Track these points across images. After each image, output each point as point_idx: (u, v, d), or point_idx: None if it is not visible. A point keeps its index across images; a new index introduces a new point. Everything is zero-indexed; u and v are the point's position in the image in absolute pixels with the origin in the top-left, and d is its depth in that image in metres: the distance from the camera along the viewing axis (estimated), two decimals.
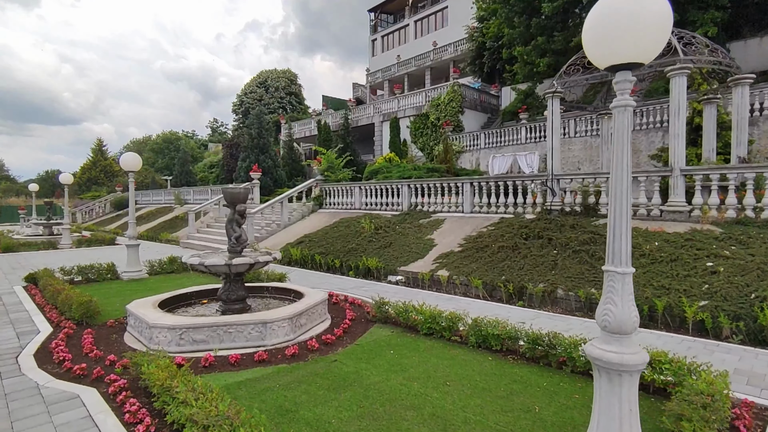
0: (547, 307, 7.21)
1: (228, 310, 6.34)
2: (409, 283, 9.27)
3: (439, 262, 9.40)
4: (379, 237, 11.58)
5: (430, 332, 5.78)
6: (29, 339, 5.79)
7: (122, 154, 10.34)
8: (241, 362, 4.86)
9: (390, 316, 6.46)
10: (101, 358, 4.97)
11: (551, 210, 9.88)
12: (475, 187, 11.59)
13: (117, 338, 5.78)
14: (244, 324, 5.36)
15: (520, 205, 10.69)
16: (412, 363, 4.81)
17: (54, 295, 7.30)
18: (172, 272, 11.12)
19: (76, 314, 6.31)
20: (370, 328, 6.25)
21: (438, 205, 12.46)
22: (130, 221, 10.69)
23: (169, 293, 6.87)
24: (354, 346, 5.45)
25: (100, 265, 10.21)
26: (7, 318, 6.89)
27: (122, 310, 7.25)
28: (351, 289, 8.93)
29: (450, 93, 24.95)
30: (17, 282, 10.05)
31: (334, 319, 6.63)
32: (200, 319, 5.37)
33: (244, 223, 6.57)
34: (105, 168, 45.30)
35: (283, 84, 54.48)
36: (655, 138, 16.48)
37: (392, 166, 16.36)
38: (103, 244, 18.13)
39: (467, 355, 5.04)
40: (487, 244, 9.31)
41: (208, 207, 19.19)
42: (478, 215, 11.27)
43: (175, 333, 5.20)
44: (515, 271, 8.06)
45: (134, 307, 5.93)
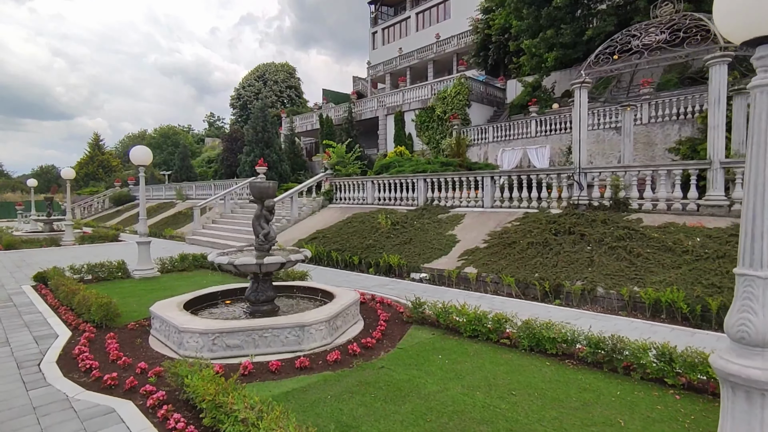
0: (586, 306, 6.92)
1: (256, 311, 6.00)
2: (434, 280, 8.95)
3: (464, 259, 9.08)
4: (396, 233, 11.25)
5: (474, 335, 5.47)
6: (48, 344, 5.43)
7: (132, 147, 9.91)
8: (281, 370, 4.53)
9: (427, 317, 6.15)
10: (131, 366, 4.62)
11: (578, 204, 9.58)
12: (496, 181, 11.27)
13: (142, 343, 5.43)
14: (280, 327, 5.03)
15: (544, 199, 10.38)
16: (466, 369, 4.50)
17: (68, 295, 6.93)
18: (183, 270, 10.76)
19: (96, 317, 5.95)
20: (407, 330, 5.94)
21: (456, 200, 12.13)
22: (141, 218, 10.30)
23: (191, 294, 6.52)
24: (397, 350, 5.13)
25: (111, 263, 9.82)
26: (20, 320, 6.52)
27: (140, 310, 6.92)
28: (374, 287, 8.60)
29: (457, 86, 24.54)
30: (25, 281, 9.65)
31: (366, 321, 6.32)
32: (234, 323, 5.03)
33: (272, 219, 6.21)
34: (102, 163, 44.62)
35: (281, 77, 53.83)
36: (671, 131, 16.19)
37: (404, 159, 15.99)
38: (106, 240, 17.69)
39: (521, 360, 4.74)
40: (514, 240, 9.00)
41: (213, 202, 18.77)
42: (499, 210, 10.95)
43: (208, 338, 4.85)
44: (549, 268, 7.76)
45: (159, 310, 5.58)
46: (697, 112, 15.35)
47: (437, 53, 37.50)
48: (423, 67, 39.03)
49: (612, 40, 9.48)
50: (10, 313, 6.93)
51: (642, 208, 8.82)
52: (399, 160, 15.76)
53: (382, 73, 42.91)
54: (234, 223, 17.26)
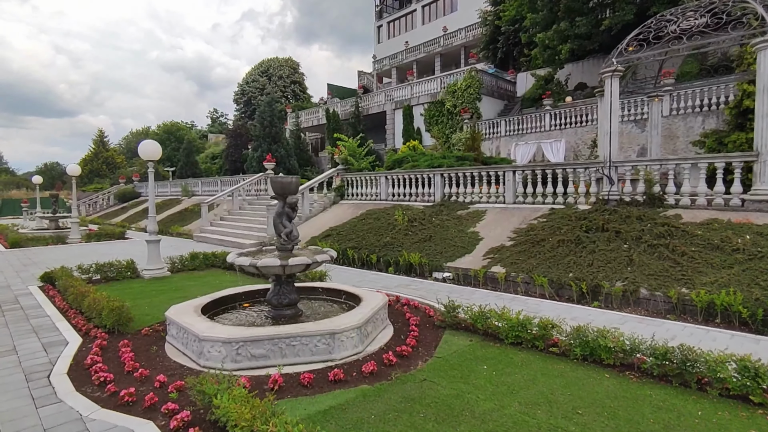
0: (628, 309, 6.48)
1: (279, 316, 5.59)
2: (459, 280, 8.52)
3: (490, 258, 8.64)
4: (415, 230, 10.81)
5: (517, 342, 5.04)
6: (58, 352, 5.04)
7: (140, 142, 9.50)
8: (314, 383, 4.11)
9: (461, 321, 5.72)
10: (148, 379, 4.21)
11: (608, 200, 9.11)
12: (518, 176, 10.80)
13: (158, 351, 5.03)
14: (309, 335, 4.61)
15: (570, 194, 9.91)
16: (518, 382, 4.07)
17: (78, 298, 6.54)
18: (194, 269, 10.37)
19: (108, 322, 5.56)
20: (442, 335, 5.51)
21: (475, 196, 11.67)
22: (150, 215, 9.90)
23: (208, 297, 6.11)
24: (436, 359, 4.71)
25: (120, 263, 9.44)
26: (28, 325, 6.13)
27: (153, 314, 6.53)
28: (396, 287, 8.18)
29: (467, 79, 24.00)
30: (31, 281, 9.28)
31: (395, 325, 5.89)
32: (259, 331, 4.61)
33: (295, 216, 5.78)
34: (107, 159, 44.31)
35: (286, 73, 53.28)
36: (694, 123, 15.65)
37: (417, 154, 15.53)
38: (112, 238, 17.34)
39: (576, 371, 4.31)
40: (543, 238, 8.55)
41: (221, 199, 18.38)
42: (522, 206, 10.49)
43: (231, 348, 4.44)
44: (584, 267, 7.31)
45: (175, 315, 5.17)
46: (723, 104, 14.81)
47: (444, 46, 36.90)
48: (430, 60, 38.44)
49: (644, 26, 8.96)
50: (17, 317, 6.55)
51: (679, 203, 8.35)
52: (412, 155, 15.30)
53: (388, 67, 42.34)
54: (243, 220, 16.86)
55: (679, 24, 8.40)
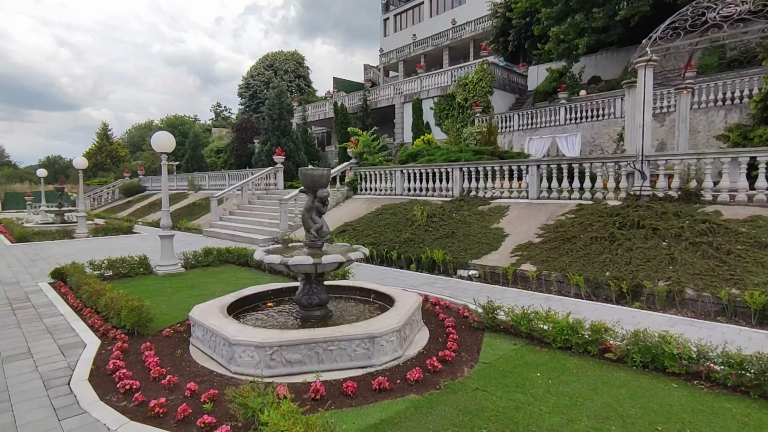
0: (672, 310, 6.13)
1: (308, 317, 5.28)
2: (486, 278, 8.19)
3: (519, 255, 8.30)
4: (435, 226, 10.47)
5: (566, 346, 4.71)
6: (76, 355, 4.73)
7: (154, 133, 9.16)
8: (358, 393, 3.79)
9: (500, 322, 5.39)
10: (177, 386, 3.90)
11: (640, 195, 8.74)
12: (543, 170, 10.43)
13: (183, 354, 4.72)
14: (348, 339, 4.28)
15: (598, 189, 9.54)
16: (580, 393, 3.74)
17: (93, 296, 6.23)
18: (208, 265, 10.07)
19: (127, 323, 5.24)
20: (481, 338, 5.19)
21: (496, 191, 11.31)
22: (164, 209, 9.57)
23: (232, 295, 5.79)
24: (483, 366, 4.38)
25: (132, 258, 9.13)
26: (41, 325, 5.83)
27: (172, 313, 6.23)
28: (422, 286, 7.86)
29: (479, 71, 23.54)
30: (41, 277, 8.99)
31: (429, 327, 5.57)
32: (294, 334, 4.29)
33: (325, 211, 5.45)
34: (111, 153, 43.99)
35: (291, 66, 52.80)
36: (716, 117, 15.23)
37: (432, 148, 15.15)
38: (120, 232, 17.05)
39: (639, 380, 3.97)
40: (574, 235, 8.20)
41: (231, 193, 18.05)
42: (547, 201, 10.13)
43: (265, 353, 4.12)
44: (621, 266, 6.96)
45: (200, 316, 4.85)
46: (747, 97, 14.38)
47: (453, 39, 36.36)
48: (438, 54, 37.91)
49: (680, 13, 8.55)
50: (30, 316, 6.25)
51: (717, 199, 7.98)
52: (427, 149, 14.92)
53: (395, 61, 41.82)
54: (253, 214, 16.54)
55: (718, 11, 7.99)
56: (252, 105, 50.78)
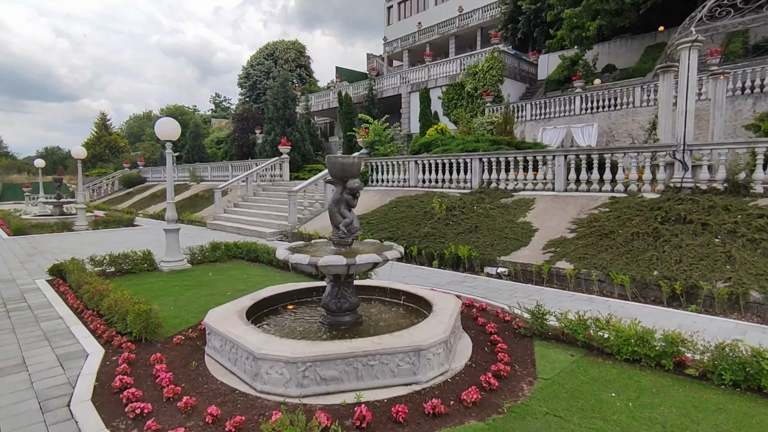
0: (735, 314, 5.57)
1: (336, 323, 4.71)
2: (517, 276, 7.61)
3: (552, 251, 7.72)
4: (456, 219, 9.88)
5: (634, 358, 4.15)
6: (77, 367, 4.16)
7: (157, 120, 8.52)
8: (409, 419, 3.22)
9: (550, 329, 4.83)
10: (195, 410, 3.33)
11: (681, 188, 8.14)
12: (571, 161, 9.81)
13: (198, 367, 4.14)
14: (391, 352, 3.71)
15: (632, 181, 8.93)
16: (672, 421, 3.18)
17: (95, 297, 5.65)
18: (215, 261, 9.48)
19: (134, 329, 4.67)
20: (532, 347, 4.62)
21: (519, 182, 10.70)
22: (169, 201, 8.96)
23: (248, 298, 5.21)
24: (544, 382, 3.82)
25: (135, 254, 8.54)
26: (38, 330, 5.25)
27: (181, 315, 5.66)
28: (449, 285, 7.29)
29: (489, 60, 22.78)
30: (38, 273, 8.41)
31: (468, 332, 5.02)
32: (329, 347, 3.71)
33: (356, 204, 4.85)
34: (110, 144, 43.21)
35: (292, 56, 51.74)
36: (744, 106, 14.58)
37: (446, 138, 14.50)
38: (121, 225, 16.44)
39: (736, 404, 3.41)
40: (611, 230, 7.62)
41: (235, 184, 17.42)
42: (576, 194, 9.53)
43: (296, 369, 3.54)
44: (670, 264, 6.38)
45: (217, 323, 4.28)
46: None
47: (460, 27, 35.44)
48: (444, 42, 36.99)
49: None
50: (25, 319, 5.67)
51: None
52: (442, 139, 14.27)
53: (400, 50, 40.89)
54: (259, 206, 15.93)
55: None
56: (252, 95, 49.81)
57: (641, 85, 17.46)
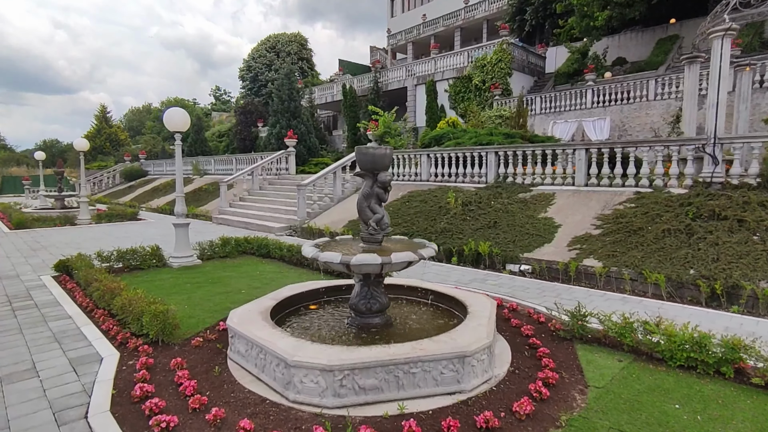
0: None
1: (366, 325, 4.43)
2: (542, 273, 7.33)
3: (578, 248, 7.44)
4: (473, 214, 9.58)
5: (689, 365, 3.87)
6: (91, 372, 3.87)
7: (165, 110, 8.19)
8: None
9: (591, 331, 4.55)
10: (225, 423, 3.05)
11: (711, 183, 7.84)
12: (592, 155, 9.50)
13: (222, 373, 3.85)
14: (434, 359, 3.43)
15: (658, 176, 8.62)
16: None
17: (106, 296, 5.36)
18: (226, 256, 9.19)
19: (151, 331, 4.38)
20: (573, 351, 4.34)
21: (536, 177, 10.39)
22: (178, 195, 8.64)
23: (269, 298, 4.93)
24: (598, 391, 3.54)
25: (143, 249, 8.24)
26: (46, 330, 4.96)
27: (197, 315, 5.39)
28: (472, 283, 7.00)
29: (498, 52, 22.36)
30: (43, 269, 8.12)
31: (504, 336, 4.73)
32: (367, 353, 3.42)
33: (387, 198, 4.54)
34: (110, 136, 42.76)
35: (294, 49, 51.15)
36: (762, 100, 14.22)
37: (458, 131, 14.16)
38: (124, 219, 16.13)
39: None
40: (640, 226, 7.33)
41: (241, 178, 17.09)
42: (598, 189, 9.22)
43: (333, 378, 3.26)
44: (707, 263, 6.10)
45: (241, 326, 3.99)
46: None
47: (465, 20, 34.93)
48: (449, 35, 36.48)
49: None
50: (33, 318, 5.38)
51: None
52: (453, 132, 13.94)
53: (404, 42, 40.38)
54: (265, 201, 15.62)
55: None
56: (254, 88, 49.29)
57: (655, 78, 17.10)
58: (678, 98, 16.14)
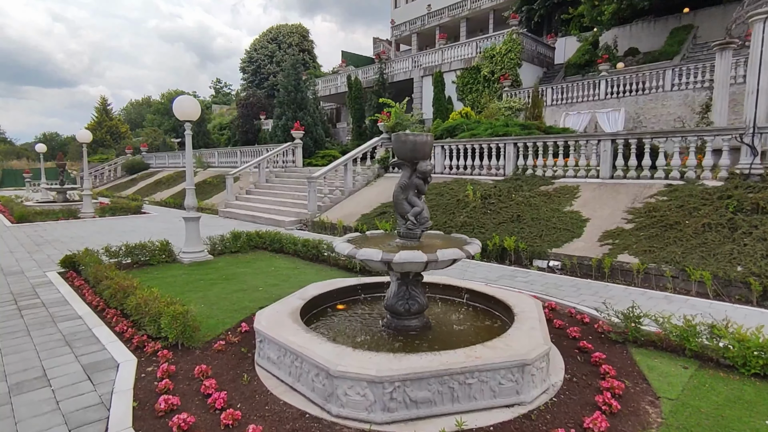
0: None
1: (403, 328, 4.07)
2: (573, 270, 6.97)
3: (610, 243, 7.08)
4: (494, 208, 9.21)
5: (764, 373, 3.52)
6: (108, 381, 3.52)
7: (175, 98, 7.79)
8: None
9: (646, 334, 4.20)
10: None
11: (749, 174, 7.46)
12: (619, 146, 9.11)
13: (252, 381, 3.50)
14: (492, 368, 3.07)
15: (690, 168, 8.24)
16: None
17: (118, 295, 5.00)
18: (237, 251, 8.83)
19: (170, 334, 4.02)
20: (629, 356, 4.00)
21: (558, 169, 10.01)
22: (188, 187, 8.25)
23: (296, 297, 4.56)
24: (672, 404, 3.19)
25: (152, 244, 7.87)
26: (56, 332, 4.60)
27: (215, 315, 5.05)
28: (500, 280, 6.66)
29: (508, 42, 21.84)
30: (48, 265, 7.76)
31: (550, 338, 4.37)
32: (417, 361, 3.06)
33: (426, 190, 4.17)
34: (111, 129, 42.25)
35: (296, 40, 50.45)
36: None
37: (472, 122, 13.74)
38: (128, 212, 15.75)
39: None
40: (676, 220, 6.96)
41: (247, 170, 16.68)
42: (625, 181, 8.85)
43: (383, 390, 2.91)
44: (756, 259, 5.74)
45: (271, 329, 3.64)
46: None
47: (471, 10, 34.31)
48: (455, 25, 35.86)
49: None
50: (40, 318, 5.03)
51: None
52: (467, 123, 13.53)
53: (408, 33, 39.75)
54: (273, 194, 15.23)
55: None
56: (255, 80, 48.70)
57: (672, 68, 16.64)
58: (696, 88, 15.72)
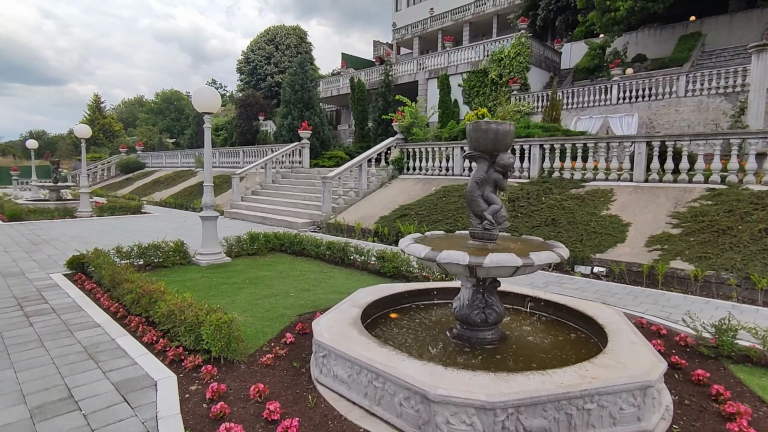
0: None
1: (477, 341, 3.60)
2: (623, 276, 6.56)
3: (659, 249, 6.69)
4: (525, 211, 8.81)
5: None
6: (149, 403, 2.99)
7: (194, 90, 7.28)
8: None
9: (740, 349, 3.79)
10: None
11: None
12: (654, 148, 8.77)
13: (319, 403, 3.00)
14: (613, 390, 2.62)
15: (732, 171, 7.92)
16: None
17: (141, 300, 4.46)
18: (254, 253, 8.30)
19: (214, 346, 3.50)
20: (729, 373, 3.58)
21: (587, 172, 9.66)
22: (206, 184, 7.72)
23: (348, 303, 4.08)
24: None
25: (166, 244, 7.31)
26: (75, 343, 4.04)
27: (250, 323, 4.59)
28: (545, 285, 6.25)
29: (517, 45, 21.64)
30: (51, 266, 7.16)
31: None
32: (523, 382, 2.59)
33: (505, 187, 3.73)
34: (104, 127, 41.27)
35: (293, 42, 49.99)
36: None
37: None
38: (128, 212, 15.08)
39: None
40: (728, 225, 6.61)
41: (253, 170, 16.12)
42: (663, 185, 8.51)
43: (494, 418, 2.44)
44: None
45: (337, 343, 3.15)
46: None
47: (475, 14, 34.16)
48: (458, 30, 35.66)
49: None
50: (53, 326, 4.46)
51: None
52: None
53: (410, 36, 39.50)
54: (281, 194, 14.70)
55: None
56: (252, 81, 48.09)
57: (686, 74, 16.49)
58: (711, 95, 15.57)
